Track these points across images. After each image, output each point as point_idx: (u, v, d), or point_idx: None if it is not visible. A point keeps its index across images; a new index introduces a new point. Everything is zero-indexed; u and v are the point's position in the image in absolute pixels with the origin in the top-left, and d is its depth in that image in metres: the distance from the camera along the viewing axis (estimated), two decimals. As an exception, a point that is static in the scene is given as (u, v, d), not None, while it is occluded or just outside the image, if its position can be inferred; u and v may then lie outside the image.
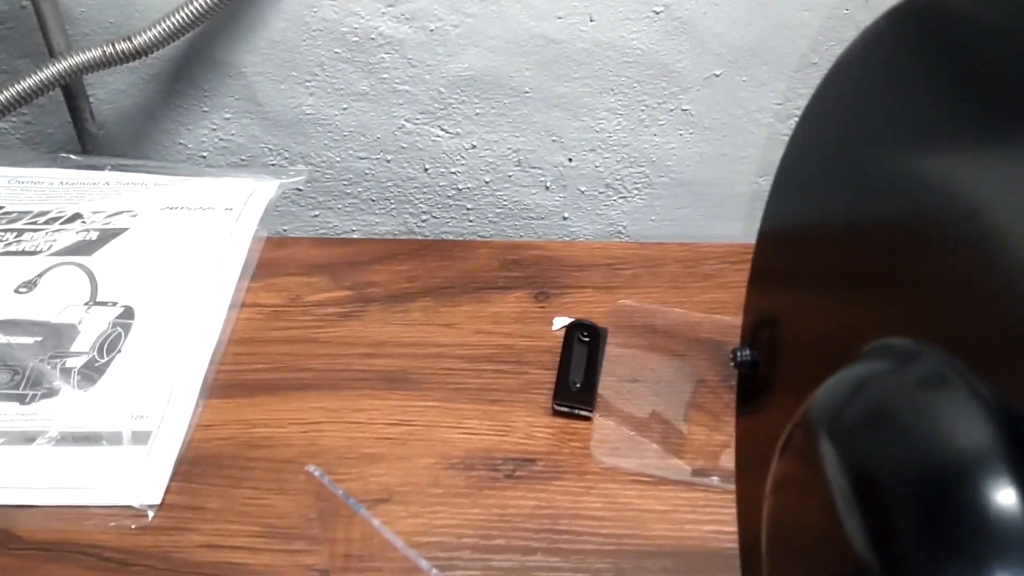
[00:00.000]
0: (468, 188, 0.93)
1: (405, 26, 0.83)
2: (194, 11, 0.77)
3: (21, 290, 0.73)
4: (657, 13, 0.82)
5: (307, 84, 0.88)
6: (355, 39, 0.85)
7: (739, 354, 0.47)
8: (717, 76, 0.86)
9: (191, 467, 0.63)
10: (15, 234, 0.78)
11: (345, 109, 0.89)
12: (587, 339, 0.70)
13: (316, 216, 0.97)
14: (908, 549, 0.26)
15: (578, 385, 0.67)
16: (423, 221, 0.96)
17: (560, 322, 0.73)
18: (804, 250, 0.43)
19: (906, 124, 0.36)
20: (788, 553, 0.35)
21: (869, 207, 0.37)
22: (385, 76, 0.87)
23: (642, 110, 0.88)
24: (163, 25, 0.77)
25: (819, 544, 0.31)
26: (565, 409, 0.67)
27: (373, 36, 0.84)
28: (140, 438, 0.64)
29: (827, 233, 0.41)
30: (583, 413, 0.67)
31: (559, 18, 0.83)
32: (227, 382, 0.69)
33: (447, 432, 0.66)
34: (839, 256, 0.40)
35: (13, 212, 0.80)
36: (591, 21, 0.83)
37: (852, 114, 0.40)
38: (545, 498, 0.62)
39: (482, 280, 0.78)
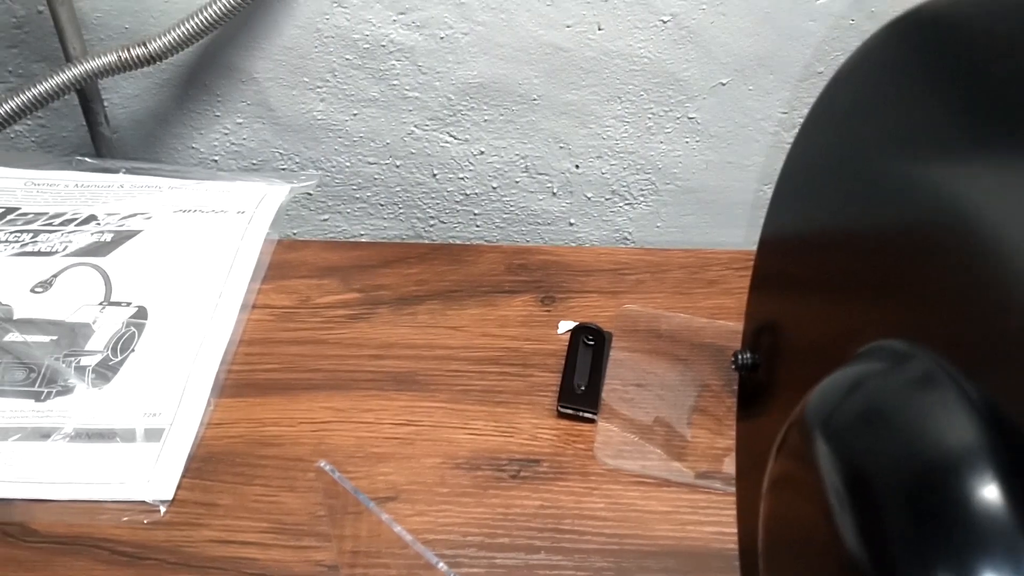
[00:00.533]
0: (476, 193, 0.94)
1: (416, 33, 0.85)
2: (208, 17, 0.78)
3: (37, 290, 0.75)
4: (664, 22, 0.83)
5: (318, 90, 0.89)
6: (366, 46, 0.86)
7: (740, 357, 0.48)
8: (723, 85, 0.87)
9: (203, 464, 0.64)
10: (31, 235, 0.79)
11: (355, 115, 0.90)
12: (592, 343, 0.71)
13: (326, 220, 0.98)
14: (896, 546, 0.27)
15: (582, 388, 0.68)
16: (431, 226, 0.97)
17: (565, 326, 0.74)
18: (803, 256, 0.44)
19: (902, 134, 0.37)
20: (784, 551, 0.36)
21: (866, 214, 0.38)
22: (395, 83, 0.88)
23: (649, 118, 0.89)
24: (177, 31, 0.78)
25: (813, 542, 0.32)
26: (570, 411, 0.68)
27: (384, 43, 0.85)
28: (153, 435, 0.65)
29: (826, 239, 0.42)
30: (587, 416, 0.67)
31: (568, 27, 0.84)
32: (238, 381, 0.70)
33: (453, 433, 0.67)
34: (837, 261, 0.40)
35: (29, 213, 0.81)
36: (599, 30, 0.84)
37: (851, 124, 0.41)
38: (549, 498, 0.63)
39: (489, 284, 0.79)
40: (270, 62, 0.87)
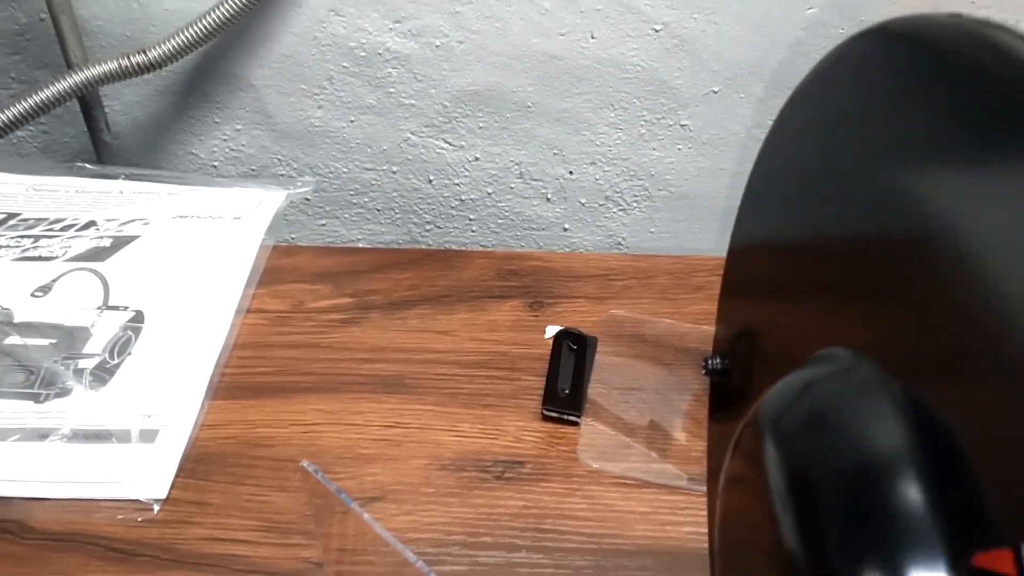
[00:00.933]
0: (471, 199, 0.96)
1: (412, 42, 0.86)
2: (207, 26, 0.79)
3: (37, 294, 0.76)
4: (657, 31, 0.84)
5: (316, 97, 0.90)
6: (363, 54, 0.87)
7: (710, 362, 0.49)
8: (715, 93, 0.88)
9: (196, 464, 0.66)
10: (32, 240, 0.81)
11: (352, 122, 0.91)
12: (575, 348, 0.72)
13: (323, 225, 0.99)
14: (828, 543, 0.28)
15: (566, 391, 0.69)
16: (427, 231, 0.99)
17: (553, 331, 0.75)
18: (768, 264, 0.45)
19: (863, 144, 0.38)
20: (736, 549, 0.37)
21: (824, 223, 0.39)
22: (392, 90, 0.89)
23: (642, 125, 0.90)
24: (177, 39, 0.79)
25: (760, 541, 0.33)
26: (554, 414, 0.69)
27: (380, 51, 0.87)
28: (148, 436, 0.67)
29: (787, 247, 0.43)
30: (571, 418, 0.68)
31: (561, 35, 0.85)
32: (232, 384, 0.72)
33: (440, 435, 0.68)
34: (798, 269, 0.42)
35: (30, 219, 0.83)
36: (592, 38, 0.85)
37: (813, 134, 0.42)
38: (532, 499, 0.64)
39: (479, 289, 0.80)
40: (268, 70, 0.89)
